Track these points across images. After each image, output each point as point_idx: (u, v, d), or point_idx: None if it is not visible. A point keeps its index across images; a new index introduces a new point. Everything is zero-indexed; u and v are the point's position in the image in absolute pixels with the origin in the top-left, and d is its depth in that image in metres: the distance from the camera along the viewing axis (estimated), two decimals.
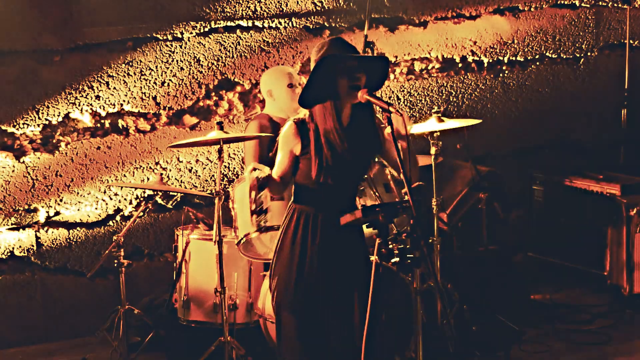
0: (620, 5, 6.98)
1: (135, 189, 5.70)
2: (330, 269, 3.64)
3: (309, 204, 3.65)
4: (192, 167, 5.82)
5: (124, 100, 5.61)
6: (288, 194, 3.87)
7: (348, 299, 3.65)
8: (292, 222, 3.67)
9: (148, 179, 5.70)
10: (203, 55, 5.76)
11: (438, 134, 4.93)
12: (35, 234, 5.55)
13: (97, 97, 5.55)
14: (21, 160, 5.46)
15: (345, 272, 3.66)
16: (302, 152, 3.59)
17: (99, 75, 5.55)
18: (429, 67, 6.46)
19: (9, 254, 5.51)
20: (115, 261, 4.87)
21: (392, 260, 3.41)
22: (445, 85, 6.53)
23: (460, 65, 6.56)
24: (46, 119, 5.47)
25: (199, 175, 5.84)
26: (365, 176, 4.70)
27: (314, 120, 3.59)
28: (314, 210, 3.64)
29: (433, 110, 4.96)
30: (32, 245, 5.55)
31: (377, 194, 4.72)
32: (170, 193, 5.76)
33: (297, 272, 3.63)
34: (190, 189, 5.80)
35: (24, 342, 5.55)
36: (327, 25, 6.08)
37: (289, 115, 4.88)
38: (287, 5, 5.93)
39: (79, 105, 5.52)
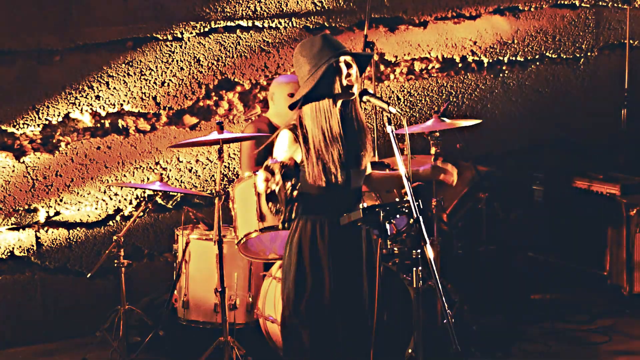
0: (620, 5, 6.98)
1: (135, 189, 5.70)
2: (344, 275, 3.60)
3: (315, 212, 3.59)
4: (192, 167, 5.82)
5: (124, 100, 5.61)
6: None
7: (362, 304, 3.62)
8: (300, 233, 3.60)
9: (148, 179, 5.70)
10: (203, 55, 5.76)
11: (438, 134, 4.92)
12: (35, 234, 5.55)
13: (97, 97, 5.55)
14: (21, 160, 5.46)
15: (358, 276, 3.63)
16: (302, 160, 3.52)
17: (99, 75, 5.55)
18: (429, 67, 6.46)
19: (9, 254, 5.51)
20: (115, 261, 4.88)
21: (392, 260, 3.41)
22: (445, 85, 6.53)
23: (460, 65, 6.56)
24: (46, 119, 5.47)
25: (199, 175, 5.84)
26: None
27: (308, 124, 3.53)
28: (321, 217, 3.58)
29: (433, 111, 4.96)
30: (32, 245, 5.55)
31: (377, 194, 4.72)
32: (170, 193, 5.76)
33: (312, 281, 3.58)
34: (190, 189, 5.80)
35: (24, 342, 5.55)
36: (327, 25, 6.08)
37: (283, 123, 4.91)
38: (287, 5, 5.93)
39: (79, 105, 5.52)
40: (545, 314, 5.63)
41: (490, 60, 6.65)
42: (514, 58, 6.72)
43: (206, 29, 5.76)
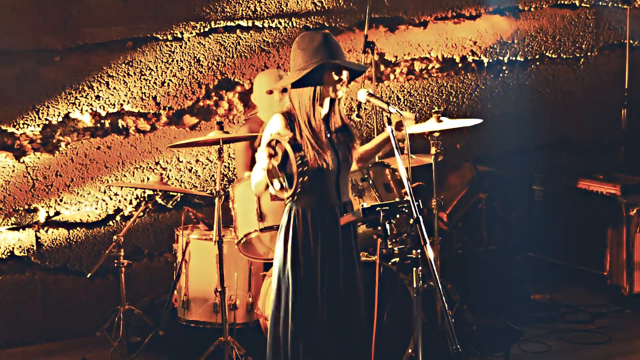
0: (620, 5, 6.98)
1: (135, 189, 5.70)
2: (329, 263, 3.63)
3: (304, 198, 3.64)
4: (192, 167, 5.82)
5: (124, 100, 5.61)
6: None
7: (346, 295, 3.65)
8: (290, 220, 3.66)
9: (148, 179, 5.70)
10: (203, 55, 5.76)
11: (438, 134, 4.93)
12: (35, 234, 5.55)
13: (97, 97, 5.55)
14: (21, 160, 5.46)
15: (341, 266, 3.66)
16: (293, 144, 3.58)
17: (99, 75, 5.55)
18: (429, 67, 6.46)
19: (9, 254, 5.51)
20: (115, 261, 4.87)
21: (392, 260, 3.42)
22: (445, 85, 6.53)
23: (460, 65, 6.56)
24: (46, 119, 5.47)
25: (199, 175, 5.85)
26: (366, 176, 4.70)
27: (296, 109, 3.61)
28: (309, 204, 3.63)
29: (433, 110, 4.96)
30: (32, 245, 5.55)
31: (377, 194, 4.72)
32: (170, 193, 5.76)
33: (296, 268, 3.62)
34: (190, 189, 5.80)
35: (24, 342, 5.55)
36: (327, 25, 6.08)
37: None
38: (287, 5, 5.93)
39: (79, 105, 5.52)
40: (545, 314, 5.63)
41: (490, 60, 6.65)
42: (514, 58, 6.72)
43: (206, 29, 5.76)
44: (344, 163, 3.70)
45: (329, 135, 3.65)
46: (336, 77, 3.56)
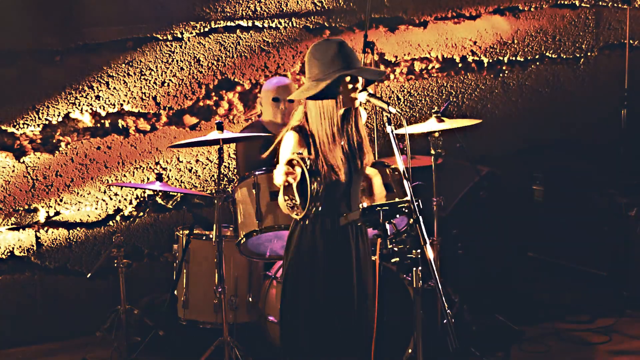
0: (620, 5, 6.98)
1: (135, 189, 5.70)
2: (343, 274, 3.62)
3: (318, 212, 3.62)
4: (192, 167, 5.83)
5: (124, 100, 5.61)
6: None
7: (362, 302, 3.64)
8: (301, 232, 3.63)
9: (148, 179, 5.70)
10: (203, 55, 5.76)
11: (438, 134, 4.92)
12: (35, 234, 5.55)
13: (97, 97, 5.55)
14: (21, 160, 5.46)
15: (357, 275, 3.65)
16: (310, 168, 3.57)
17: (99, 75, 5.55)
18: (429, 67, 6.46)
19: (9, 254, 5.52)
20: (115, 261, 4.88)
21: (392, 260, 3.41)
22: (445, 85, 6.53)
23: (460, 65, 6.56)
24: (46, 119, 5.47)
25: (199, 175, 5.85)
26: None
27: (312, 124, 3.57)
28: (322, 215, 3.61)
29: (433, 110, 4.96)
30: (32, 245, 5.55)
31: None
32: (170, 193, 5.76)
33: (310, 279, 3.60)
34: (190, 189, 5.80)
35: (24, 342, 5.55)
36: (327, 25, 6.08)
37: (274, 128, 4.96)
38: (287, 5, 5.93)
39: (79, 105, 5.52)
40: (545, 314, 5.63)
41: (490, 60, 6.65)
42: (514, 58, 6.72)
43: (206, 29, 5.76)
44: (356, 174, 3.67)
45: (344, 146, 3.61)
46: (351, 86, 3.55)
